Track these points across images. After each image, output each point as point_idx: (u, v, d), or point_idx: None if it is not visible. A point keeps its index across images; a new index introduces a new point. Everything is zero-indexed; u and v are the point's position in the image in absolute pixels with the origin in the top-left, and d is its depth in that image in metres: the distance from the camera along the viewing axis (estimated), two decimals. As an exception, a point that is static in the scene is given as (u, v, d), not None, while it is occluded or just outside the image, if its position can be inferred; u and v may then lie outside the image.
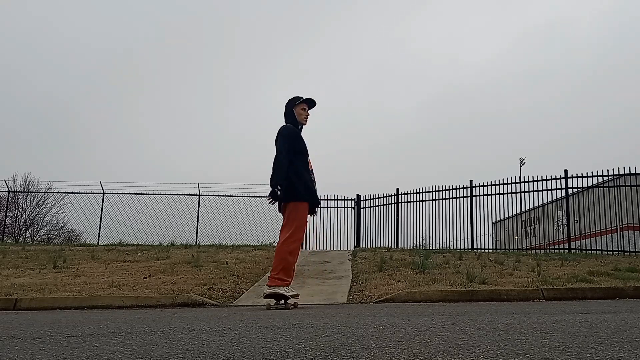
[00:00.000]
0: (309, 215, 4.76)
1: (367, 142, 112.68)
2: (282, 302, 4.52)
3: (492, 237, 14.68)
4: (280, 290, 4.44)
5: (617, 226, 11.79)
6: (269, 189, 4.57)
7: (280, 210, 4.73)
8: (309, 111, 4.92)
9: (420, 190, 13.58)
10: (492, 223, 13.31)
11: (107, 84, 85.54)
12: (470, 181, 12.85)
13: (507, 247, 15.51)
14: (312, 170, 4.84)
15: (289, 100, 4.88)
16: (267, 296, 4.48)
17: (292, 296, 4.56)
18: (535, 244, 14.66)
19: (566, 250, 11.53)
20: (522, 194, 12.35)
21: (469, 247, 12.34)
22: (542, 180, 12.13)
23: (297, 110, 4.84)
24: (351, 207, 14.70)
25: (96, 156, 64.15)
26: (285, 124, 4.84)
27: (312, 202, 4.70)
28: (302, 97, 4.87)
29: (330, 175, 74.65)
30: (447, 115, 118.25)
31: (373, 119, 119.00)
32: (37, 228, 28.75)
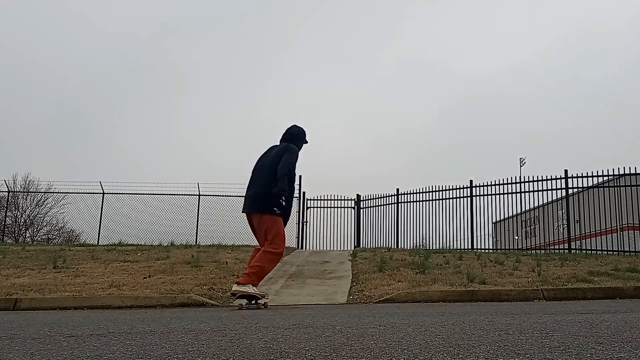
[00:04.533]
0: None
1: (368, 142, 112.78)
2: (253, 302, 4.72)
3: (492, 237, 14.67)
4: (251, 290, 4.64)
5: (617, 226, 11.79)
6: (264, 198, 4.90)
7: (253, 212, 5.05)
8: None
9: (421, 190, 13.59)
10: (492, 223, 13.32)
11: (106, 84, 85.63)
12: (471, 181, 12.86)
13: (507, 247, 15.50)
14: None
15: (303, 132, 5.26)
16: (240, 296, 4.69)
17: (262, 296, 4.76)
18: (536, 244, 14.67)
19: (566, 250, 11.53)
20: (522, 194, 12.35)
21: (469, 247, 12.34)
22: (542, 180, 12.13)
23: (299, 145, 5.19)
24: (351, 207, 14.70)
25: (96, 156, 64.17)
26: (290, 144, 5.13)
27: (285, 221, 5.08)
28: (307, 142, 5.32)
29: (330, 174, 74.66)
30: (448, 115, 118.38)
31: (375, 118, 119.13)
32: (37, 228, 28.78)
